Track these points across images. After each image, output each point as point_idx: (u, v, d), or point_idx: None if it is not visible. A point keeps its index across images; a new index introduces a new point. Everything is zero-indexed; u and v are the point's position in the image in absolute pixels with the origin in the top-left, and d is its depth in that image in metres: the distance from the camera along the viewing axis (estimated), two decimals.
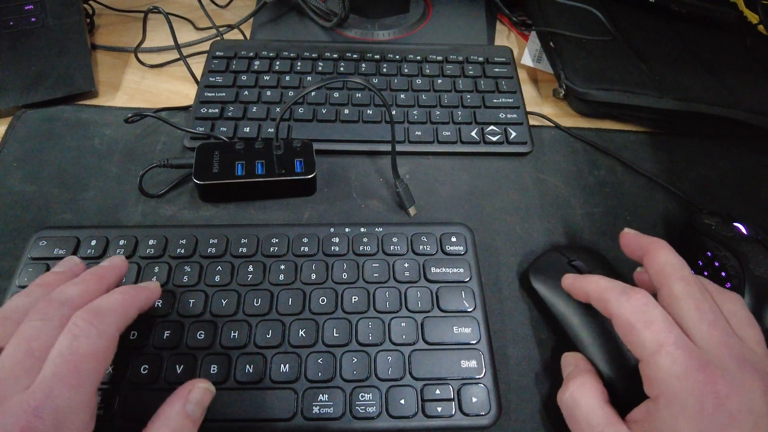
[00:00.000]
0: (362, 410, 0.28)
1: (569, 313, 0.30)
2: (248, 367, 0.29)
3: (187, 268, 0.32)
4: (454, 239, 0.34)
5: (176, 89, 0.47)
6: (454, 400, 0.28)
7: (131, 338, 0.29)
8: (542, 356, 0.32)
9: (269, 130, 0.42)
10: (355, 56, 0.47)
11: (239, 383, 0.28)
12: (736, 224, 0.33)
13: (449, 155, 0.42)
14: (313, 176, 0.37)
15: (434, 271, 0.33)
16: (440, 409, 0.28)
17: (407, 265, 0.33)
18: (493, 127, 0.43)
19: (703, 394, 0.21)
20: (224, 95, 0.44)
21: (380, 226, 0.35)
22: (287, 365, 0.29)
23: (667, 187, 0.40)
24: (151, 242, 0.33)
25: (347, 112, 0.43)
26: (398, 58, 0.47)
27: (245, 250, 0.33)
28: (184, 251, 0.33)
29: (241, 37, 0.52)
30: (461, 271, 0.33)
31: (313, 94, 0.44)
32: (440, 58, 0.48)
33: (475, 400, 0.28)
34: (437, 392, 0.28)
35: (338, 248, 0.34)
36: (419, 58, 0.47)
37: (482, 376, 0.29)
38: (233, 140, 0.41)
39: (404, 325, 0.31)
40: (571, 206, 0.39)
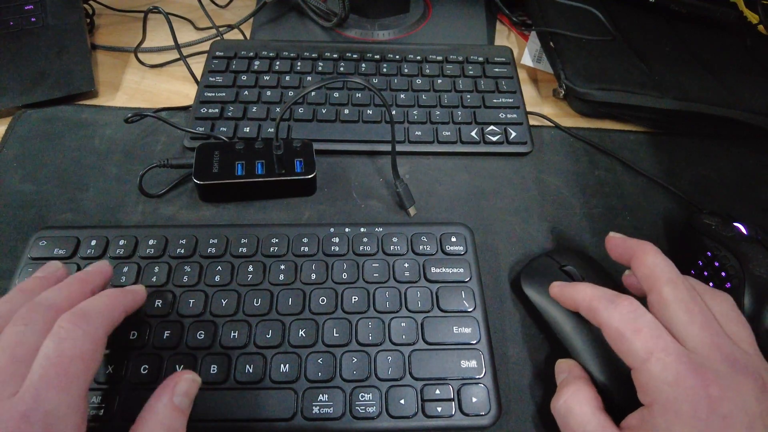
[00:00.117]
0: (362, 410, 0.28)
1: (561, 319, 0.30)
2: (248, 367, 0.29)
3: (187, 268, 0.32)
4: (454, 239, 0.34)
5: (176, 89, 0.47)
6: (454, 400, 0.28)
7: (131, 338, 0.29)
8: (542, 356, 0.32)
9: (269, 130, 0.42)
10: (355, 56, 0.47)
11: (239, 383, 0.28)
12: (736, 224, 0.33)
13: (449, 155, 0.42)
14: (313, 176, 0.37)
15: (434, 271, 0.33)
16: (440, 409, 0.28)
17: (407, 265, 0.33)
18: (493, 127, 0.43)
19: (696, 398, 0.21)
20: (224, 95, 0.44)
21: (380, 226, 0.35)
22: (287, 365, 0.29)
23: (666, 187, 0.40)
24: (151, 242, 0.33)
25: (347, 112, 0.43)
26: (398, 58, 0.47)
27: (245, 250, 0.33)
28: (184, 251, 0.33)
29: (241, 37, 0.52)
30: (461, 271, 0.33)
31: (313, 94, 0.44)
32: (440, 58, 0.48)
33: (475, 400, 0.28)
34: (437, 392, 0.28)
35: (338, 248, 0.34)
36: (419, 58, 0.47)
37: (482, 376, 0.29)
38: (233, 140, 0.41)
39: (404, 325, 0.31)
40: (571, 206, 0.39)
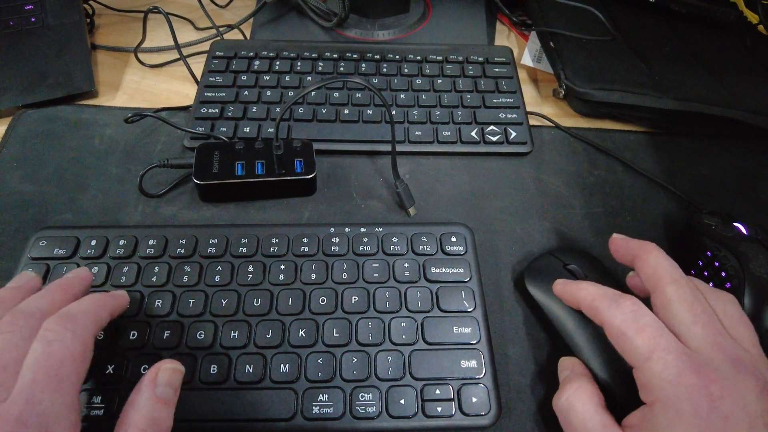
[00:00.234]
0: (362, 410, 0.28)
1: (565, 317, 0.30)
2: (248, 367, 0.29)
3: (187, 268, 0.32)
4: (454, 239, 0.34)
5: (176, 89, 0.47)
6: (454, 400, 0.28)
7: (131, 338, 0.29)
8: (542, 356, 0.32)
9: (269, 130, 0.42)
10: (355, 56, 0.47)
11: (239, 383, 0.28)
12: (736, 224, 0.33)
13: (449, 155, 0.42)
14: (313, 176, 0.37)
15: (434, 271, 0.33)
16: (440, 409, 0.28)
17: (407, 265, 0.33)
18: (493, 127, 0.43)
19: (697, 397, 0.21)
20: (224, 95, 0.44)
21: (380, 226, 0.35)
22: (287, 365, 0.29)
23: (667, 187, 0.40)
24: (151, 242, 0.33)
25: (347, 112, 0.43)
26: (398, 58, 0.47)
27: (245, 250, 0.33)
28: (184, 251, 0.33)
29: (241, 37, 0.52)
30: (461, 271, 0.33)
31: (313, 94, 0.44)
32: (440, 58, 0.48)
33: (475, 400, 0.28)
34: (437, 392, 0.28)
35: (338, 248, 0.34)
36: (419, 58, 0.47)
37: (482, 376, 0.29)
38: (233, 140, 0.41)
39: (404, 325, 0.31)
40: (571, 206, 0.39)
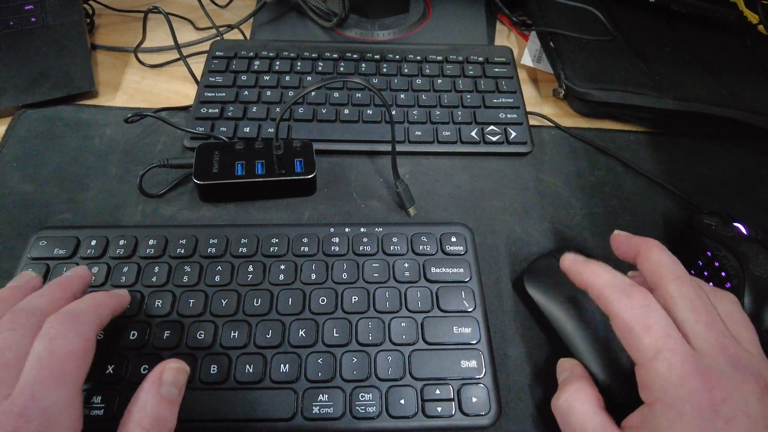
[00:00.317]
0: (362, 410, 0.28)
1: (564, 319, 0.30)
2: (248, 367, 0.29)
3: (187, 268, 0.32)
4: (454, 239, 0.34)
5: (176, 89, 0.47)
6: (454, 400, 0.28)
7: (131, 338, 0.29)
8: (542, 356, 0.32)
9: (269, 130, 0.42)
10: (355, 56, 0.47)
11: (239, 383, 0.28)
12: (736, 224, 0.33)
13: (449, 155, 0.42)
14: (313, 176, 0.37)
15: (434, 271, 0.33)
16: (440, 409, 0.28)
17: (407, 265, 0.33)
18: (493, 127, 0.43)
19: (699, 400, 0.21)
20: (224, 95, 0.44)
21: (380, 226, 0.35)
22: (287, 365, 0.29)
23: (667, 187, 0.40)
24: (151, 242, 0.33)
25: (347, 112, 0.43)
26: (398, 58, 0.47)
27: (245, 250, 0.33)
28: (184, 251, 0.33)
29: (241, 37, 0.52)
30: (461, 271, 0.33)
31: (313, 94, 0.44)
32: (440, 58, 0.48)
33: (475, 400, 0.28)
34: (437, 392, 0.28)
35: (338, 248, 0.34)
36: (419, 58, 0.47)
37: (482, 376, 0.29)
38: (233, 140, 0.41)
39: (404, 325, 0.31)
40: (571, 206, 0.39)
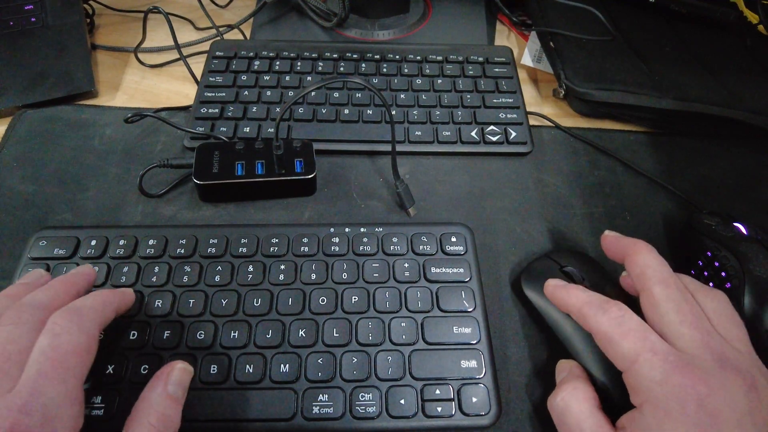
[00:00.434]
0: (362, 410, 0.28)
1: (562, 321, 0.30)
2: (248, 367, 0.29)
3: (187, 268, 0.32)
4: (454, 239, 0.34)
5: (176, 89, 0.47)
6: (454, 400, 0.28)
7: (131, 338, 0.29)
8: (542, 356, 0.32)
9: (269, 130, 0.42)
10: (355, 56, 0.47)
11: (239, 383, 0.28)
12: (736, 224, 0.33)
13: (449, 155, 0.42)
14: (313, 176, 0.37)
15: (434, 271, 0.33)
16: (440, 409, 0.28)
17: (407, 265, 0.33)
18: (493, 127, 0.43)
19: (684, 396, 0.21)
20: (224, 95, 0.44)
21: (380, 226, 0.35)
22: (287, 365, 0.29)
23: (667, 187, 0.40)
24: (151, 242, 0.33)
25: (347, 112, 0.43)
26: (398, 58, 0.47)
27: (245, 250, 0.33)
28: (184, 251, 0.33)
29: (241, 37, 0.52)
30: (461, 271, 0.33)
31: (313, 94, 0.44)
32: (440, 58, 0.48)
33: (475, 400, 0.28)
34: (437, 392, 0.28)
35: (338, 248, 0.34)
36: (419, 58, 0.47)
37: (482, 376, 0.29)
38: (233, 140, 0.41)
39: (404, 325, 0.31)
40: (571, 206, 0.39)
